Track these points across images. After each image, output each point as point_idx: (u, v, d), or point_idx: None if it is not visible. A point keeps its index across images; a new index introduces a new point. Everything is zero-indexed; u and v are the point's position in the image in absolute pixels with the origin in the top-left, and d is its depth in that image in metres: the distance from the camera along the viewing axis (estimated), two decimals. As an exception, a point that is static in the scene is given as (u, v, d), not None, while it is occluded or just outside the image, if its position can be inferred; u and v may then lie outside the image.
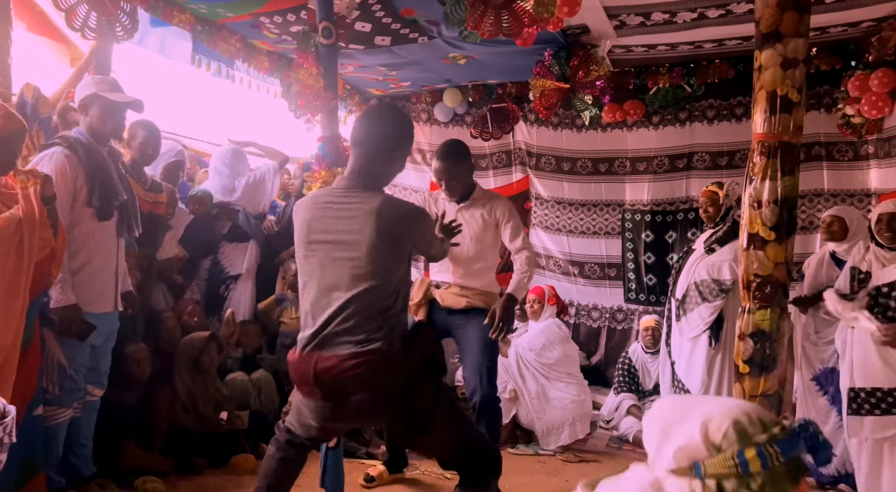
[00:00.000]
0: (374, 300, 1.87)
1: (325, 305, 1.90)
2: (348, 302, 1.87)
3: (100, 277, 2.64)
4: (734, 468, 1.01)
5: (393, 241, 1.88)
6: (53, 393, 2.51)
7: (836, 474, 3.28)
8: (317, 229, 1.94)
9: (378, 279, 1.87)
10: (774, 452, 1.02)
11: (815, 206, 4.41)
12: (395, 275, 1.91)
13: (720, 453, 1.02)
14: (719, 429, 1.03)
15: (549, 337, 4.07)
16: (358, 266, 1.87)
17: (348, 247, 1.88)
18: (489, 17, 2.70)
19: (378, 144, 1.97)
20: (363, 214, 1.87)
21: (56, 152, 2.50)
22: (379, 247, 1.85)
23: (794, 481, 1.03)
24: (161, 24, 3.56)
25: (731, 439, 1.02)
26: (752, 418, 1.05)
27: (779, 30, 2.39)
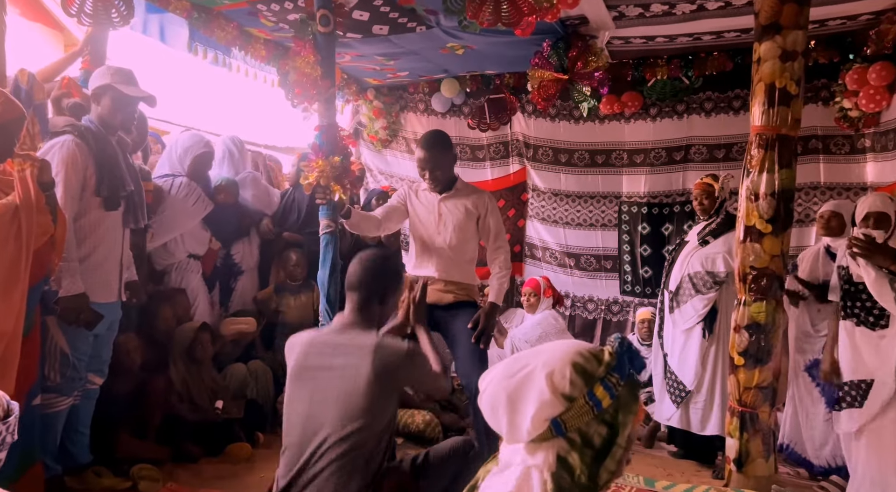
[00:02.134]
0: (359, 442, 1.83)
1: (307, 443, 1.86)
2: (328, 444, 1.83)
3: (104, 266, 2.64)
4: (591, 411, 1.04)
5: (387, 379, 1.87)
6: (54, 381, 2.51)
7: (827, 465, 3.31)
8: (312, 364, 1.94)
9: (368, 418, 1.84)
10: (616, 379, 1.06)
11: (811, 199, 4.42)
12: (384, 415, 1.88)
13: (573, 402, 1.04)
14: (564, 378, 1.05)
15: (545, 329, 4.09)
16: (351, 402, 1.84)
17: (340, 384, 1.86)
18: (488, 6, 2.69)
19: (373, 289, 2.04)
20: (360, 351, 1.88)
21: (66, 141, 2.50)
22: (374, 384, 1.84)
23: (635, 399, 1.08)
24: (157, 11, 3.53)
25: (578, 384, 1.05)
26: (585, 355, 1.08)
27: (778, 22, 2.39)
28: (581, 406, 1.04)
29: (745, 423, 2.48)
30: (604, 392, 1.05)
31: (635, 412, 1.07)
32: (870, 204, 2.89)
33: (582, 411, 1.04)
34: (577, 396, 1.05)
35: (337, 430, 1.83)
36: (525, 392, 1.06)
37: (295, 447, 1.89)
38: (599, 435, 1.05)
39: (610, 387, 1.05)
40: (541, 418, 1.05)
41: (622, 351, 1.10)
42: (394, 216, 3.09)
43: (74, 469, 2.74)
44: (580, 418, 1.04)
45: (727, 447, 2.57)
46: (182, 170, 3.64)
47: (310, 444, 1.86)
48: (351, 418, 1.83)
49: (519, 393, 1.07)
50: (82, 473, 2.77)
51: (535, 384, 1.06)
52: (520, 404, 1.06)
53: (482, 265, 3.16)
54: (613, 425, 1.06)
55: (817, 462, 3.35)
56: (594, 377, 1.06)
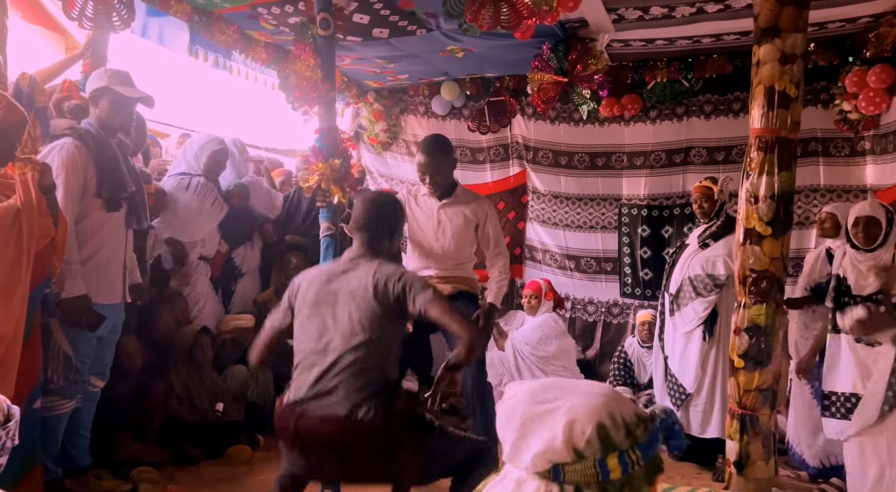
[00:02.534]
0: (366, 356, 1.94)
1: (317, 361, 1.98)
2: (341, 357, 1.94)
3: (108, 268, 2.64)
4: (595, 476, 0.98)
5: (386, 296, 1.97)
6: (57, 383, 2.51)
7: (821, 466, 3.32)
8: (323, 290, 2.06)
9: (374, 332, 1.95)
10: (636, 456, 0.99)
11: (811, 201, 4.42)
12: (385, 335, 1.98)
13: (582, 460, 0.98)
14: (583, 434, 0.98)
15: (546, 331, 4.09)
16: (356, 318, 1.96)
17: (349, 303, 1.99)
18: (488, 10, 2.70)
19: (376, 230, 2.16)
20: (363, 273, 2.03)
21: (66, 143, 2.50)
22: (375, 303, 1.96)
23: (649, 483, 1.01)
24: (158, 15, 3.54)
25: (594, 446, 0.98)
26: (616, 420, 1.00)
27: (777, 25, 2.39)
28: (587, 467, 0.98)
29: (745, 425, 2.48)
30: (616, 465, 0.98)
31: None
32: (859, 209, 2.97)
33: (586, 473, 0.98)
34: (587, 456, 0.98)
35: (346, 344, 1.95)
36: (539, 427, 1.00)
37: (307, 365, 2.00)
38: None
39: (626, 463, 0.98)
40: (544, 459, 1.00)
41: (659, 428, 1.03)
42: None
43: (74, 472, 2.74)
44: (581, 477, 0.98)
45: (727, 450, 2.56)
46: (199, 168, 3.66)
47: (322, 360, 1.97)
48: (357, 332, 1.96)
49: (534, 424, 1.01)
50: (82, 475, 2.77)
51: (552, 425, 0.99)
52: (530, 434, 1.01)
53: (479, 267, 3.17)
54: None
55: (811, 462, 3.36)
56: (613, 447, 0.98)
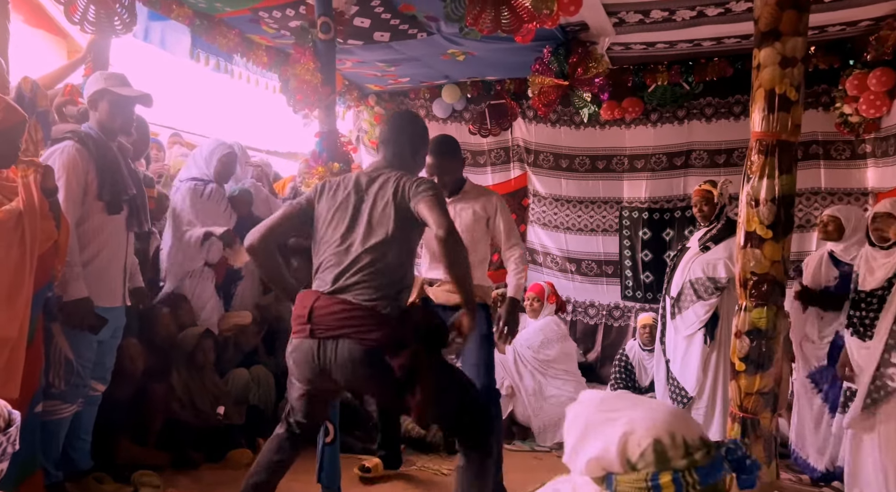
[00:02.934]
0: (384, 256, 2.02)
1: (338, 261, 2.06)
2: (362, 255, 2.03)
3: (109, 271, 2.64)
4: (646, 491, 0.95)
5: (405, 203, 2.05)
6: (59, 387, 2.51)
7: (826, 470, 3.31)
8: (344, 196, 2.13)
9: (391, 236, 2.03)
10: (692, 480, 0.95)
11: (812, 204, 4.42)
12: (403, 238, 2.06)
13: (634, 471, 0.96)
14: (638, 447, 0.96)
15: (548, 335, 4.08)
16: (373, 225, 2.05)
17: (371, 208, 2.08)
18: (488, 14, 2.70)
19: (402, 146, 2.24)
20: (385, 182, 2.11)
21: (67, 146, 2.51)
22: (395, 205, 2.04)
23: None
24: (160, 18, 3.55)
25: (647, 460, 0.96)
26: (676, 439, 0.97)
27: (778, 28, 2.39)
28: (638, 481, 0.96)
29: (746, 429, 2.48)
30: (670, 483, 0.94)
31: None
32: (878, 206, 3.06)
33: (637, 486, 0.96)
34: (639, 469, 0.96)
35: (365, 244, 2.04)
36: (598, 434, 1.00)
37: (328, 265, 2.10)
38: None
39: (680, 484, 0.94)
40: (596, 466, 1.00)
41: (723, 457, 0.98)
42: None
43: (75, 475, 2.74)
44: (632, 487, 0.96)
45: (728, 453, 2.56)
46: (209, 173, 3.65)
47: (342, 260, 2.06)
48: (376, 234, 2.05)
49: (594, 430, 1.01)
50: (83, 479, 2.76)
51: (610, 434, 0.99)
52: (589, 439, 1.01)
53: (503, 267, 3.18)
54: None
55: (819, 467, 3.35)
56: (668, 464, 0.95)
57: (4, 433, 1.15)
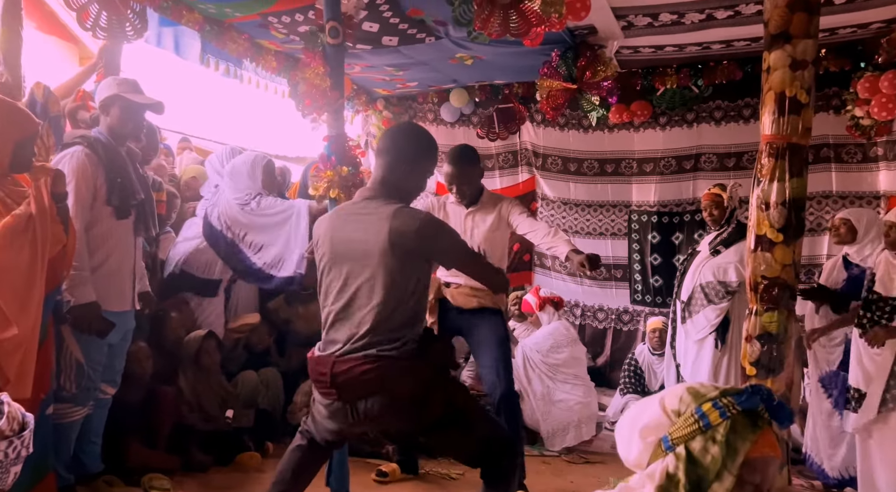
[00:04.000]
0: (390, 311, 1.90)
1: (345, 317, 1.95)
2: (367, 315, 1.91)
3: (117, 275, 2.66)
4: (696, 424, 1.05)
5: (406, 250, 1.89)
6: (70, 391, 2.53)
7: (839, 476, 3.28)
8: (338, 240, 1.99)
9: (393, 289, 1.90)
10: (729, 402, 1.06)
11: (823, 208, 4.39)
12: (409, 284, 1.92)
13: (680, 416, 1.07)
14: (675, 396, 1.10)
15: (557, 339, 4.07)
16: (373, 276, 1.90)
17: (364, 256, 1.92)
18: (497, 18, 2.70)
19: (399, 154, 2.02)
20: (378, 223, 1.90)
21: (77, 151, 2.53)
22: (391, 256, 1.88)
23: (753, 428, 1.06)
24: (170, 24, 3.58)
25: (686, 400, 1.08)
26: (705, 385, 1.12)
27: (788, 31, 2.38)
28: (686, 419, 1.06)
29: (757, 434, 2.46)
30: (712, 409, 1.05)
31: (751, 440, 1.03)
32: (891, 215, 3.05)
33: (687, 423, 1.06)
34: (684, 411, 1.07)
35: (369, 302, 1.90)
36: (641, 414, 1.13)
37: (335, 325, 1.98)
38: (710, 454, 1.03)
39: (720, 407, 1.05)
40: (649, 433, 1.10)
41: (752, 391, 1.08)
42: None
43: (86, 478, 2.75)
44: (685, 430, 1.06)
45: (740, 459, 2.54)
46: (256, 186, 3.63)
47: (349, 320, 1.94)
48: (378, 289, 1.89)
49: (637, 416, 1.13)
50: (93, 482, 2.78)
51: (651, 405, 1.12)
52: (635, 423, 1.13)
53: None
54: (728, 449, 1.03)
55: (830, 473, 3.32)
56: (704, 397, 1.07)
57: (19, 436, 1.16)
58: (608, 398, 4.60)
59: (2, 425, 1.13)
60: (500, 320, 2.99)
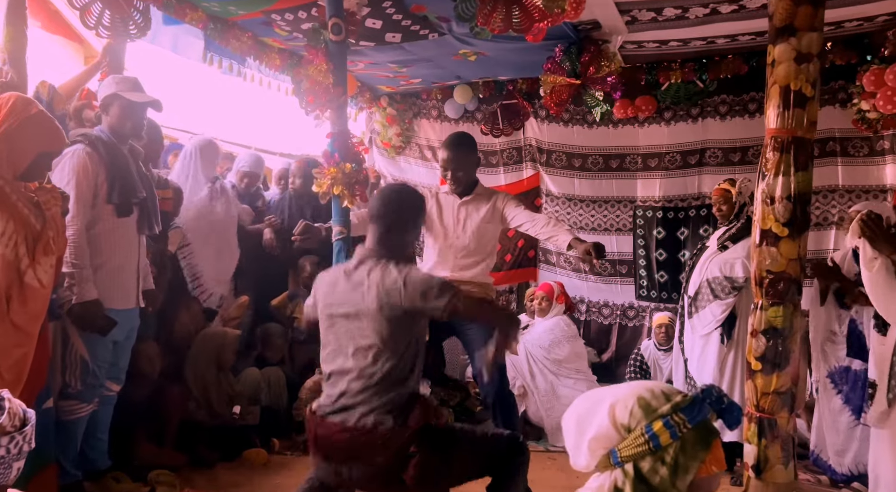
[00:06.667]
0: (377, 375, 1.91)
1: (340, 377, 1.97)
2: (360, 375, 1.92)
3: (121, 273, 2.67)
4: (646, 445, 1.03)
5: (396, 311, 1.90)
6: (75, 388, 2.55)
7: (849, 473, 3.26)
8: (333, 301, 2.01)
9: (384, 351, 1.91)
10: (681, 420, 1.04)
11: (829, 202, 4.36)
12: (399, 347, 1.93)
13: (630, 433, 1.04)
14: (626, 408, 1.06)
15: (556, 335, 4.07)
16: (364, 337, 1.93)
17: (356, 317, 1.95)
18: (499, 13, 2.70)
19: (392, 221, 2.06)
20: (370, 284, 1.93)
21: (77, 150, 2.55)
22: (382, 317, 1.90)
23: (705, 446, 1.05)
24: (174, 23, 3.58)
25: (637, 416, 1.04)
26: (655, 392, 1.07)
27: (793, 24, 2.37)
28: (636, 438, 1.04)
29: (763, 429, 2.45)
30: (663, 429, 1.03)
31: (701, 459, 1.03)
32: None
33: (636, 443, 1.04)
34: (633, 427, 1.04)
35: (363, 362, 1.92)
36: (590, 418, 1.09)
37: (331, 381, 2.00)
38: (659, 476, 1.03)
39: (672, 426, 1.03)
40: (598, 445, 1.07)
41: (702, 398, 1.07)
42: None
43: (93, 475, 2.77)
44: (634, 449, 1.04)
45: (745, 454, 2.53)
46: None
47: (344, 377, 1.96)
48: (372, 350, 1.91)
49: (585, 419, 1.10)
50: (101, 478, 2.80)
51: (600, 412, 1.08)
52: (583, 429, 1.10)
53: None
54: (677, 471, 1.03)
55: (839, 470, 3.31)
56: (655, 413, 1.05)
57: (20, 432, 1.17)
58: (614, 394, 4.59)
59: (3, 420, 1.14)
60: None
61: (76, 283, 2.46)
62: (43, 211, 2.15)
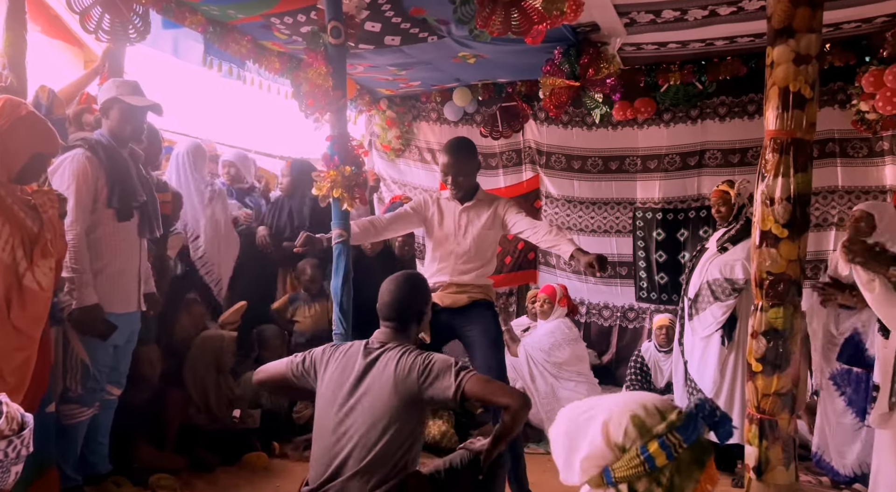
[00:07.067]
0: (380, 453, 1.89)
1: (335, 453, 1.93)
2: (354, 452, 1.90)
3: (122, 277, 2.67)
4: (641, 467, 1.01)
5: (407, 392, 1.91)
6: (76, 392, 2.55)
7: (852, 474, 3.26)
8: (343, 378, 2.00)
9: (389, 430, 1.89)
10: (677, 440, 1.02)
11: (829, 203, 4.37)
12: (409, 427, 1.93)
13: (625, 453, 1.01)
14: (619, 427, 1.02)
15: (558, 338, 4.07)
16: (373, 414, 1.91)
17: (366, 394, 1.94)
18: (498, 16, 2.70)
19: (406, 314, 2.10)
20: (385, 363, 1.95)
21: (77, 154, 2.55)
22: (394, 396, 1.90)
23: (700, 466, 1.03)
24: (173, 26, 3.59)
25: (631, 435, 1.01)
26: (649, 409, 1.04)
27: (791, 26, 2.36)
28: (631, 459, 1.01)
29: (764, 430, 2.44)
30: (659, 450, 1.00)
31: (696, 480, 1.02)
32: None
33: (631, 465, 1.01)
34: (628, 447, 1.01)
35: (363, 439, 1.89)
36: (581, 435, 1.06)
37: (325, 457, 1.95)
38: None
39: (668, 447, 1.01)
40: (590, 464, 1.05)
41: (695, 414, 1.04)
42: (401, 223, 3.10)
43: (94, 479, 2.77)
44: (629, 470, 1.01)
45: (746, 455, 2.53)
46: None
47: (339, 453, 1.92)
48: (376, 428, 1.89)
49: (577, 435, 1.06)
50: (102, 482, 2.80)
51: (591, 429, 1.05)
52: (576, 446, 1.06)
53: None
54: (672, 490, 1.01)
55: (843, 471, 3.31)
56: (650, 433, 1.02)
57: (18, 436, 1.17)
58: (614, 396, 4.58)
59: (1, 424, 1.14)
60: (492, 317, 2.97)
61: (76, 287, 2.46)
62: (40, 213, 2.15)
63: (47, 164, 2.25)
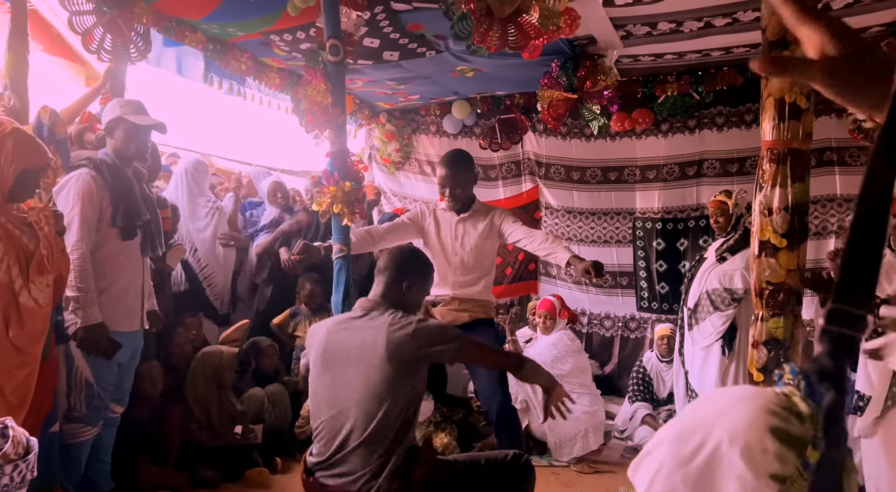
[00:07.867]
0: (382, 423, 1.87)
1: (333, 429, 1.93)
2: (356, 425, 1.89)
3: (126, 295, 2.68)
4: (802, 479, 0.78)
5: (404, 358, 1.89)
6: (80, 411, 2.55)
7: (855, 483, 3.25)
8: (333, 347, 1.99)
9: (389, 400, 1.88)
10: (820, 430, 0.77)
11: (827, 211, 4.38)
12: (405, 395, 1.91)
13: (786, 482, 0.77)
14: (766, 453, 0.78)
15: (560, 349, 4.06)
16: (371, 382, 1.89)
17: (359, 364, 1.91)
18: (495, 31, 2.72)
19: (397, 275, 2.08)
20: (374, 331, 1.92)
21: (82, 174, 2.56)
22: (388, 365, 1.88)
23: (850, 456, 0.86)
24: (174, 45, 3.63)
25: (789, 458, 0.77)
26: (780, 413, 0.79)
27: (785, 37, 2.39)
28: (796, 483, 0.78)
29: (766, 441, 2.44)
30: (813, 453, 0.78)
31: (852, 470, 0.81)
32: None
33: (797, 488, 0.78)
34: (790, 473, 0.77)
35: (359, 411, 1.88)
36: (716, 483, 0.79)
37: (323, 433, 1.95)
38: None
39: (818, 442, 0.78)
40: None
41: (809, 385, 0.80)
42: (398, 234, 3.11)
43: (97, 497, 2.77)
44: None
45: (749, 465, 2.52)
46: None
47: (337, 428, 1.91)
48: (371, 398, 1.88)
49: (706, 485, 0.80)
50: (104, 500, 2.79)
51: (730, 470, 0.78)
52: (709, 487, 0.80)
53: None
54: None
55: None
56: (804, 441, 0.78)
57: (24, 461, 1.17)
58: (617, 406, 4.57)
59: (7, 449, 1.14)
60: (493, 333, 2.98)
61: (81, 306, 2.47)
62: (36, 231, 2.16)
63: (39, 179, 2.25)
